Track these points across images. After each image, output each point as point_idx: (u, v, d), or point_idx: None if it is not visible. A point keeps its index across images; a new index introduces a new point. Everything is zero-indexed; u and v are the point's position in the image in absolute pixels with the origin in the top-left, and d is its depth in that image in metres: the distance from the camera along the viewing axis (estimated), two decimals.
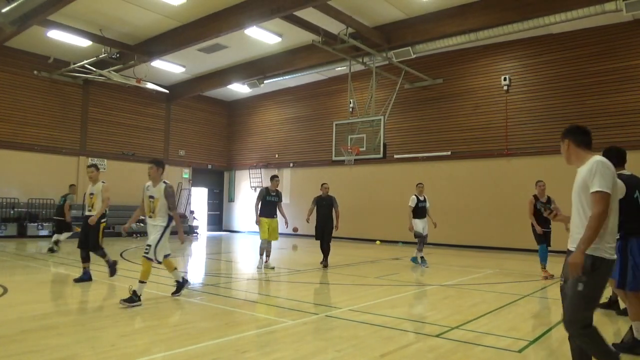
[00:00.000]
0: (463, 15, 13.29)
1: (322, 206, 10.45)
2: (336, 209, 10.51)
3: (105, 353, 3.96)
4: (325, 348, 4.26)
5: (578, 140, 3.24)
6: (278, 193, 9.92)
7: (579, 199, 3.10)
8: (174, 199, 6.35)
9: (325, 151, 19.01)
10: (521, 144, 15.36)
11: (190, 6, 13.46)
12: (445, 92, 17.29)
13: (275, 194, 9.85)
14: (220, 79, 19.85)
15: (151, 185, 6.33)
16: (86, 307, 6.11)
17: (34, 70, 17.79)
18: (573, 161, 3.27)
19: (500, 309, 6.12)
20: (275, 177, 10.06)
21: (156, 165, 6.40)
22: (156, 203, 6.23)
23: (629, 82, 13.76)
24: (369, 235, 18.47)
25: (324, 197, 10.52)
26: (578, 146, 3.23)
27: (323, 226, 10.44)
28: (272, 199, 9.77)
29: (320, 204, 10.48)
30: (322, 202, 10.48)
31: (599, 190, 2.92)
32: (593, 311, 3.06)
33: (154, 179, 6.34)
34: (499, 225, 15.41)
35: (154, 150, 21.75)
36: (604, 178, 2.95)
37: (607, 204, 2.91)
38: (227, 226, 24.71)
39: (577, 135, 3.25)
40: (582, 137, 3.25)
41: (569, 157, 3.29)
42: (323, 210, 10.43)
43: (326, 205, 10.45)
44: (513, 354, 4.19)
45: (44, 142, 18.12)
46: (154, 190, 6.28)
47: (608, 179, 2.95)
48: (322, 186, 10.67)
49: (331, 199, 10.48)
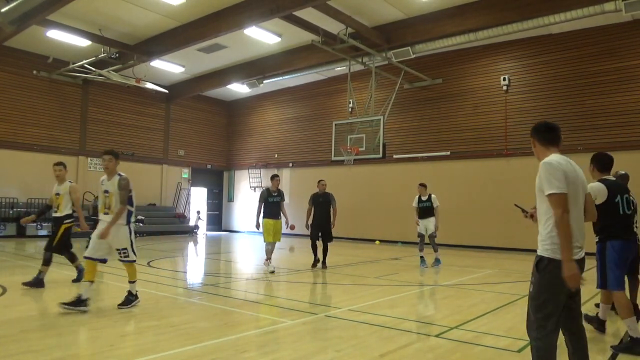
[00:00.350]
0: (462, 15, 13.29)
1: (320, 204, 9.95)
2: (334, 206, 10.00)
3: (104, 353, 3.96)
4: (325, 348, 4.27)
5: (542, 138, 3.16)
6: (280, 193, 9.52)
7: (539, 201, 3.04)
8: (126, 192, 5.75)
9: (324, 151, 19.01)
10: (520, 144, 15.35)
11: (190, 6, 13.45)
12: (444, 92, 17.30)
13: (277, 193, 9.46)
14: (219, 79, 19.85)
15: (106, 179, 5.83)
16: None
17: (34, 70, 17.78)
18: (539, 159, 3.18)
19: (499, 309, 6.12)
20: (276, 176, 9.66)
21: (114, 156, 5.84)
22: (111, 198, 5.72)
23: (628, 82, 13.77)
24: (369, 235, 18.48)
25: (321, 194, 10.03)
26: (542, 144, 3.15)
27: (321, 225, 9.94)
28: (274, 200, 9.39)
29: (317, 202, 9.99)
30: (318, 200, 9.99)
31: (552, 192, 2.83)
32: (548, 319, 2.84)
33: (110, 171, 5.78)
34: (499, 225, 15.41)
35: (153, 150, 21.76)
36: (553, 178, 2.84)
37: (563, 203, 2.79)
38: (226, 226, 24.70)
39: (541, 133, 3.17)
40: (545, 135, 3.15)
41: (537, 156, 3.20)
42: (320, 209, 9.93)
43: (323, 202, 9.94)
44: (512, 354, 4.20)
45: (44, 141, 18.11)
46: (108, 184, 5.77)
47: (558, 178, 2.83)
48: (319, 183, 10.20)
49: (329, 196, 9.98)
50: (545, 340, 2.84)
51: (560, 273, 2.77)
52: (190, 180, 23.31)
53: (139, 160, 20.96)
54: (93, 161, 19.55)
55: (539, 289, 2.88)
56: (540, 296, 2.87)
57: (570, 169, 2.93)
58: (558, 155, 3.02)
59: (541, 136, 3.16)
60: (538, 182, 2.97)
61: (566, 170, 2.90)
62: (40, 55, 17.66)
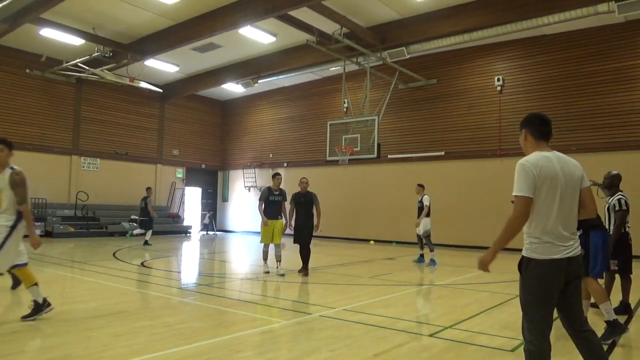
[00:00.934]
0: (457, 15, 13.33)
1: (301, 204, 9.29)
2: (317, 206, 9.36)
3: (98, 353, 3.94)
4: (319, 348, 4.27)
5: (535, 131, 3.00)
6: (282, 192, 9.15)
7: None
8: (24, 189, 4.96)
9: (319, 151, 19.01)
10: (514, 145, 15.42)
11: (184, 5, 13.41)
12: (439, 93, 17.35)
13: (279, 192, 9.11)
14: (214, 79, 19.80)
15: None
16: (79, 308, 6.07)
17: (27, 69, 17.65)
18: (526, 153, 3.03)
19: (493, 309, 6.15)
20: (277, 174, 9.32)
21: (6, 145, 4.97)
22: (1, 195, 4.88)
23: (621, 83, 13.87)
24: (363, 235, 18.50)
25: (303, 193, 9.33)
26: (535, 137, 3.00)
27: (301, 227, 9.23)
28: (275, 199, 9.04)
29: (299, 202, 9.32)
30: (300, 200, 9.32)
31: (515, 194, 2.80)
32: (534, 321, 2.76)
33: (2, 164, 4.95)
34: (492, 225, 15.37)
35: (147, 149, 21.67)
36: (520, 180, 2.79)
37: (522, 207, 2.75)
38: (220, 226, 24.65)
39: (535, 126, 3.01)
40: (539, 128, 3.01)
41: (526, 149, 3.05)
42: (301, 209, 9.28)
43: (304, 202, 9.28)
44: (506, 353, 4.22)
45: (37, 141, 17.98)
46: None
47: (527, 181, 2.77)
48: (300, 181, 9.48)
49: (311, 195, 9.31)
50: (537, 343, 2.75)
51: (539, 272, 2.75)
52: (184, 180, 23.24)
53: (133, 159, 20.87)
54: (87, 160, 19.46)
55: (523, 290, 2.85)
56: (525, 297, 2.82)
57: (549, 166, 2.82)
58: (539, 153, 2.91)
59: (534, 129, 3.01)
60: None
61: (543, 168, 2.81)
62: (33, 54, 17.54)
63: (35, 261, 10.50)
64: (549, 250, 2.78)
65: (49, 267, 9.74)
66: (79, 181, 19.11)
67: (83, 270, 9.39)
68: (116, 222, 18.75)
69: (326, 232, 19.43)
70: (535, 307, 2.78)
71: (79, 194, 18.78)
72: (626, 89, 13.74)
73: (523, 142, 3.08)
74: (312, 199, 9.32)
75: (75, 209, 18.52)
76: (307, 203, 9.30)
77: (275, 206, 9.06)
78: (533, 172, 2.79)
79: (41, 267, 9.67)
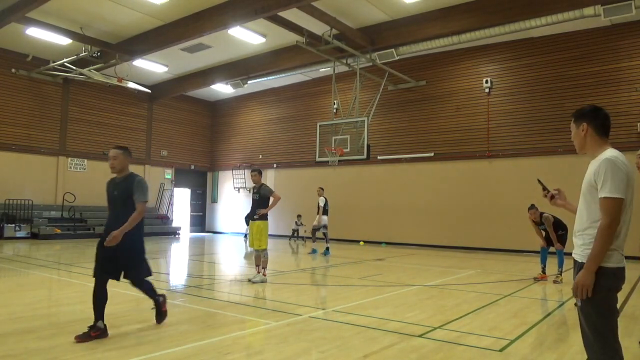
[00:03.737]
0: (446, 18, 13.42)
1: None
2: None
3: (85, 357, 3.89)
4: (309, 349, 4.26)
5: (600, 126, 2.65)
6: (260, 189, 8.18)
7: (585, 200, 2.61)
8: None
9: (309, 152, 19.01)
10: (502, 146, 15.58)
11: (173, 5, 13.33)
12: (428, 94, 17.45)
13: (256, 190, 8.22)
14: (203, 79, 19.71)
15: None
16: (65, 311, 6.00)
17: (12, 69, 17.42)
18: (587, 150, 2.70)
19: (482, 309, 6.19)
20: (254, 170, 8.41)
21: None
22: None
23: (606, 85, 14.06)
24: (353, 236, 18.52)
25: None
26: (599, 134, 2.65)
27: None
28: (254, 197, 8.32)
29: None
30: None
31: (608, 196, 2.42)
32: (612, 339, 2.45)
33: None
34: (481, 226, 15.59)
35: (135, 150, 21.45)
36: (614, 180, 2.43)
37: (618, 211, 2.41)
38: (210, 227, 24.53)
39: (599, 120, 2.66)
40: (605, 122, 2.67)
41: (583, 146, 2.70)
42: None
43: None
44: (494, 353, 4.24)
45: (22, 141, 17.75)
46: None
47: (623, 181, 2.44)
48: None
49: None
50: None
51: (608, 281, 2.46)
52: (173, 181, 23.09)
53: None
54: (74, 161, 19.25)
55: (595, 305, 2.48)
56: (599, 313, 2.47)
57: (631, 170, 2.53)
58: (617, 152, 2.57)
59: (600, 123, 2.66)
60: (591, 178, 2.56)
61: (629, 172, 2.49)
62: (19, 54, 17.32)
63: (21, 264, 10.37)
64: (618, 259, 2.51)
65: (35, 269, 9.61)
66: (65, 182, 18.88)
67: (70, 272, 9.27)
68: (103, 223, 18.52)
69: None
70: (610, 322, 2.47)
71: (66, 195, 18.57)
72: (612, 91, 13.93)
73: (581, 138, 2.72)
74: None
75: (62, 211, 18.30)
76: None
77: (252, 206, 8.30)
78: (625, 170, 2.48)
79: (27, 270, 9.55)
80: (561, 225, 8.60)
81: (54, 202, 18.59)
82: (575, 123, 2.78)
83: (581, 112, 2.76)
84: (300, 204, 19.12)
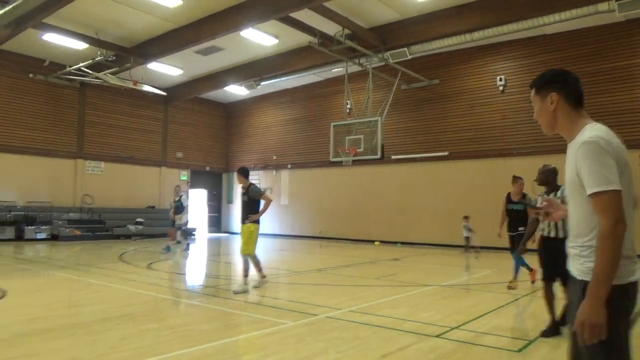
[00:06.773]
0: (458, 16, 13.32)
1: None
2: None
3: (104, 356, 3.95)
4: (326, 349, 4.27)
5: (572, 94, 2.04)
6: (248, 190, 7.69)
7: (575, 202, 1.99)
8: None
9: (323, 152, 19.01)
10: (517, 144, 15.41)
11: (186, 8, 13.45)
12: (441, 93, 17.34)
13: (245, 192, 7.73)
14: (217, 81, 19.84)
15: None
16: (85, 310, 6.09)
17: (30, 74, 17.73)
18: (560, 129, 2.08)
19: (499, 309, 6.13)
20: (238, 172, 7.90)
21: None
22: None
23: (621, 82, 13.82)
24: (368, 236, 18.47)
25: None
26: (572, 105, 2.04)
27: None
28: (242, 199, 7.80)
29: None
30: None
31: (598, 190, 1.80)
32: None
33: None
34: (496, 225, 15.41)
35: (151, 152, 21.72)
36: (602, 167, 1.81)
37: (619, 206, 1.78)
38: (226, 228, 24.68)
39: (570, 86, 2.05)
40: (576, 88, 2.06)
41: (554, 124, 2.07)
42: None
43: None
44: (513, 353, 4.21)
45: (41, 145, 18.06)
46: None
47: (608, 167, 1.82)
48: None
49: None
50: None
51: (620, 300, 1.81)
52: (189, 183, 23.29)
53: (137, 162, 20.92)
54: (91, 164, 19.51)
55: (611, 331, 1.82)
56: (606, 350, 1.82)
57: (621, 148, 1.92)
58: (600, 126, 1.96)
59: (571, 90, 2.04)
60: (573, 171, 1.94)
61: (618, 153, 1.88)
62: (36, 59, 17.62)
63: (41, 264, 10.56)
64: (628, 269, 1.85)
65: (55, 270, 9.79)
66: (83, 185, 19.17)
67: (89, 273, 9.42)
68: (122, 225, 18.80)
69: (331, 233, 19.46)
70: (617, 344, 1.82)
71: (84, 197, 18.86)
72: (627, 88, 13.70)
73: (549, 114, 2.09)
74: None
75: (80, 212, 18.59)
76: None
77: (242, 208, 7.80)
78: (614, 152, 1.87)
79: (48, 270, 9.73)
80: None
81: (73, 204, 18.89)
82: (538, 95, 2.12)
83: (545, 78, 2.12)
84: (314, 204, 19.13)
